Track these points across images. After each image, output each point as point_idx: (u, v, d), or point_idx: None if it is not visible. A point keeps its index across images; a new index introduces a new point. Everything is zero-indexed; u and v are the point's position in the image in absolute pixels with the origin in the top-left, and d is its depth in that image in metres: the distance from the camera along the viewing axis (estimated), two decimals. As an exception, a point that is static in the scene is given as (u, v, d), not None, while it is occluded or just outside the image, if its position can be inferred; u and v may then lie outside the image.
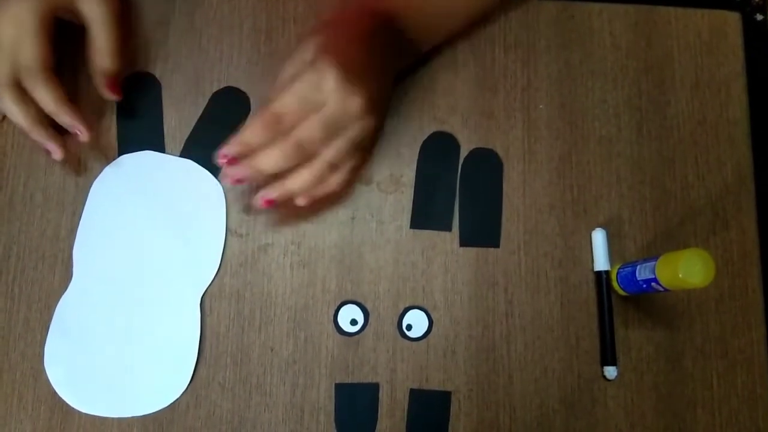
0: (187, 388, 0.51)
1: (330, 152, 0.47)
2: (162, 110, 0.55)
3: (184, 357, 0.51)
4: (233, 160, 0.48)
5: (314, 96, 0.45)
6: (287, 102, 0.46)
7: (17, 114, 0.49)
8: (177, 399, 0.51)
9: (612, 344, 0.52)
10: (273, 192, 0.48)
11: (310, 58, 0.46)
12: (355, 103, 0.45)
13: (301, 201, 0.49)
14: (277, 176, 0.48)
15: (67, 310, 0.52)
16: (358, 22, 0.49)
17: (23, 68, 0.48)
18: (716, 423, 0.52)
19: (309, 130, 0.46)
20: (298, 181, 0.48)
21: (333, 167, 0.48)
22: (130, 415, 0.50)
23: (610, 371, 0.52)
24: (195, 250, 0.53)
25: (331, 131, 0.46)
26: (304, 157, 0.47)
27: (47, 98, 0.48)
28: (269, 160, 0.47)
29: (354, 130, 0.47)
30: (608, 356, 0.52)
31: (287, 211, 0.53)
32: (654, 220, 0.55)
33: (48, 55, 0.48)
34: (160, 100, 0.55)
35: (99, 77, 0.51)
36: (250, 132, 0.47)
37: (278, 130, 0.46)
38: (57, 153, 0.50)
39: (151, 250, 0.53)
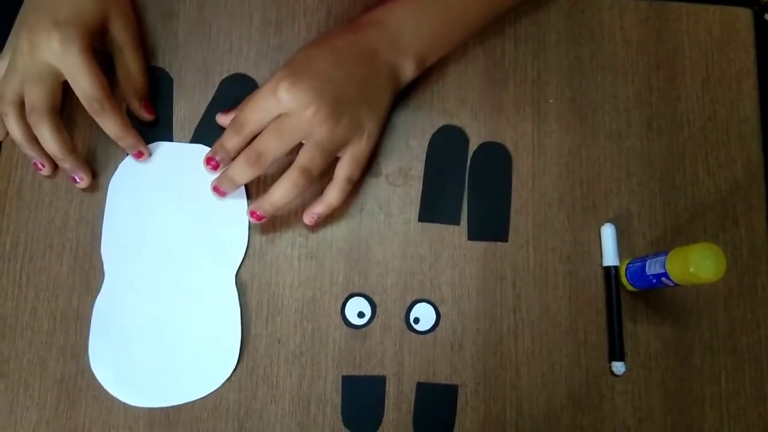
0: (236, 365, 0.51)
1: (301, 157, 0.49)
2: (173, 103, 0.55)
3: (228, 335, 0.51)
4: (216, 165, 0.51)
5: (269, 105, 0.48)
6: (247, 110, 0.49)
7: (17, 131, 0.50)
8: (228, 377, 0.51)
9: (620, 340, 0.52)
10: (259, 204, 0.50)
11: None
12: (309, 108, 0.47)
13: (306, 219, 0.52)
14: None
15: (104, 309, 0.51)
16: (337, 36, 0.51)
17: (36, 104, 0.48)
18: (724, 420, 0.52)
19: (264, 136, 0.48)
20: (277, 190, 0.49)
21: (307, 172, 0.48)
22: (184, 402, 0.50)
23: (618, 367, 0.52)
24: (222, 231, 0.53)
25: (288, 136, 0.48)
26: (265, 164, 0.49)
27: (51, 142, 0.49)
28: (236, 168, 0.50)
29: (318, 135, 0.48)
30: (616, 352, 0.52)
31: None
32: (663, 216, 0.55)
33: (97, 87, 0.48)
34: (171, 93, 0.55)
35: (134, 100, 0.53)
36: (225, 137, 0.50)
37: (245, 137, 0.49)
38: (46, 170, 0.52)
39: (178, 237, 0.53)
